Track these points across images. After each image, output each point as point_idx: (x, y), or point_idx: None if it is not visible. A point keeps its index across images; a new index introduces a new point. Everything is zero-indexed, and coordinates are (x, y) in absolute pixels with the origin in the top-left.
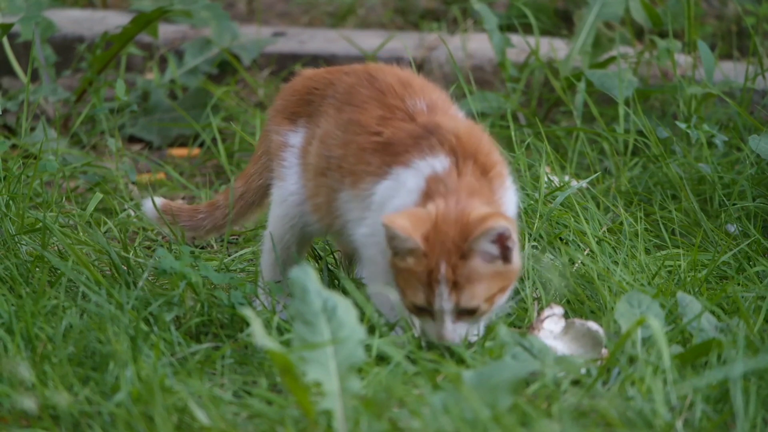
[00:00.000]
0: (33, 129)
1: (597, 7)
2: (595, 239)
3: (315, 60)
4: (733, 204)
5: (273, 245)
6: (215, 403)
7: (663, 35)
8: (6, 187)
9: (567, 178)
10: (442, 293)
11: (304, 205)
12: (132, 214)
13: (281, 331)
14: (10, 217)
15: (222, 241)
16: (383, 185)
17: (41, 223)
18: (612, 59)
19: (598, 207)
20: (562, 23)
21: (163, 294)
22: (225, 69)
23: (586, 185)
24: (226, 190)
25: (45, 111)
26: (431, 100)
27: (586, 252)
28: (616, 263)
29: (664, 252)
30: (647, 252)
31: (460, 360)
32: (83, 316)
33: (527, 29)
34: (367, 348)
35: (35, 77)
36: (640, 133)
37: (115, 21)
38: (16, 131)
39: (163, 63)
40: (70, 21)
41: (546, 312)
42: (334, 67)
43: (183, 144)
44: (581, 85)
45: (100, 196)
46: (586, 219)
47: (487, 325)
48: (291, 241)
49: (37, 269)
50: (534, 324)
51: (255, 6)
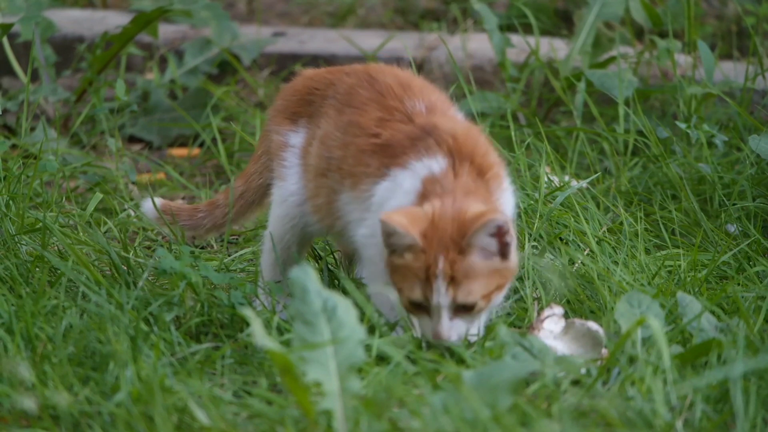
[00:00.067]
0: (33, 129)
1: (597, 7)
2: (595, 239)
3: (315, 60)
4: (733, 204)
5: (273, 245)
6: (215, 403)
7: (663, 35)
8: (6, 187)
9: (567, 178)
10: (439, 288)
11: (304, 206)
12: (132, 214)
13: (281, 331)
14: (10, 217)
15: (222, 241)
16: (382, 186)
17: (41, 223)
18: (612, 59)
19: (598, 207)
20: (562, 23)
21: (163, 294)
22: (225, 69)
23: (586, 185)
24: (226, 189)
25: (45, 111)
26: (430, 101)
27: (586, 252)
28: (616, 263)
29: (664, 252)
30: (647, 252)
31: (460, 360)
32: (83, 316)
33: (527, 29)
34: (367, 348)
35: (35, 77)
36: (640, 133)
37: (115, 21)
38: (16, 131)
39: (163, 63)
40: (70, 21)
41: (546, 312)
42: (334, 67)
43: (183, 144)
44: (581, 85)
45: (100, 196)
46: (586, 219)
47: (487, 325)
48: (291, 242)
49: (37, 269)
50: (534, 324)
51: (255, 6)
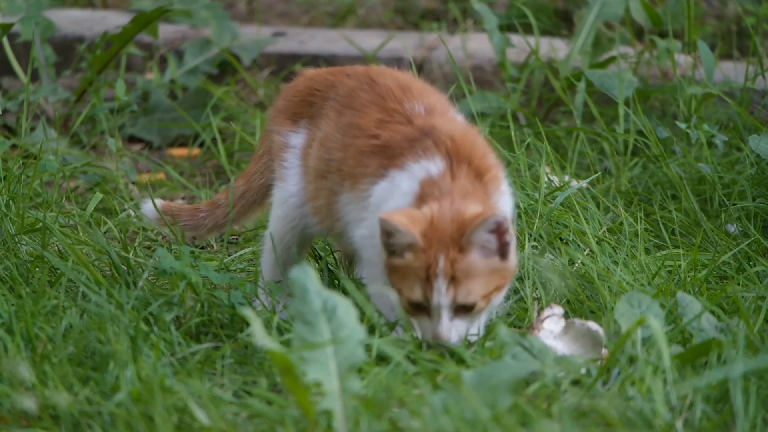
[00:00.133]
0: (33, 129)
1: (597, 7)
2: (595, 239)
3: (315, 60)
4: (733, 204)
5: (273, 246)
6: (215, 403)
7: (663, 35)
8: (6, 187)
9: (567, 178)
10: (440, 288)
11: (304, 208)
12: (132, 214)
13: (281, 331)
14: (10, 217)
15: (222, 241)
16: (380, 187)
17: (41, 223)
18: (612, 59)
19: (598, 207)
20: (562, 23)
21: (163, 294)
22: (225, 69)
23: (586, 185)
24: (227, 189)
25: (45, 111)
26: (429, 103)
27: (586, 252)
28: (616, 263)
29: (664, 252)
30: (647, 252)
31: (460, 360)
32: (83, 316)
33: (527, 29)
34: (367, 348)
35: (35, 77)
36: (640, 133)
37: (115, 21)
38: (16, 131)
39: (163, 63)
40: (70, 21)
41: (546, 312)
42: (336, 68)
43: (183, 144)
44: (581, 85)
45: (100, 196)
46: (586, 219)
47: (487, 325)
48: (292, 242)
49: (37, 269)
50: (534, 324)
51: (255, 6)
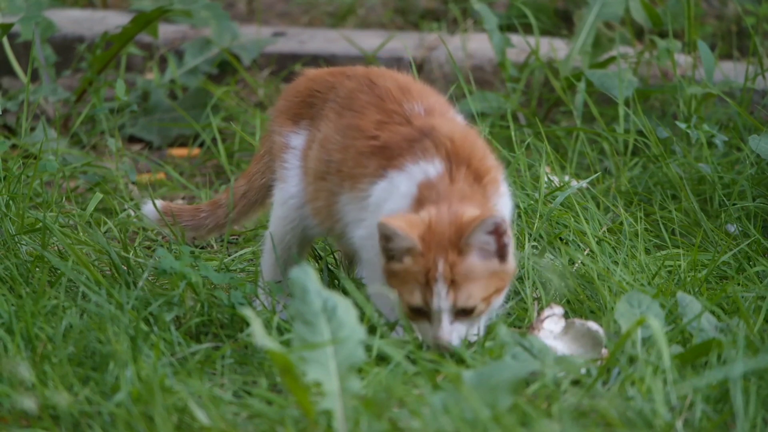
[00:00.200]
0: (33, 129)
1: (597, 7)
2: (595, 239)
3: (315, 60)
4: (733, 204)
5: (273, 246)
6: (215, 403)
7: (663, 35)
8: (6, 187)
9: (567, 178)
10: (440, 292)
11: (304, 209)
12: (132, 214)
13: (281, 331)
14: (10, 217)
15: (222, 241)
16: (379, 186)
17: (41, 223)
18: (612, 59)
19: (598, 207)
20: (562, 23)
21: (163, 294)
22: (225, 69)
23: (586, 185)
24: (228, 188)
25: (45, 111)
26: (429, 104)
27: (586, 252)
28: (616, 263)
29: (664, 252)
30: (647, 252)
31: (460, 360)
32: (83, 316)
33: (527, 29)
34: (367, 348)
35: (35, 77)
36: (640, 133)
37: (115, 21)
38: (16, 131)
39: (163, 63)
40: (70, 21)
41: (546, 312)
42: (336, 69)
43: (183, 144)
44: (581, 85)
45: (100, 196)
46: (586, 219)
47: (487, 325)
48: (292, 242)
49: (37, 269)
50: (534, 324)
51: (255, 6)
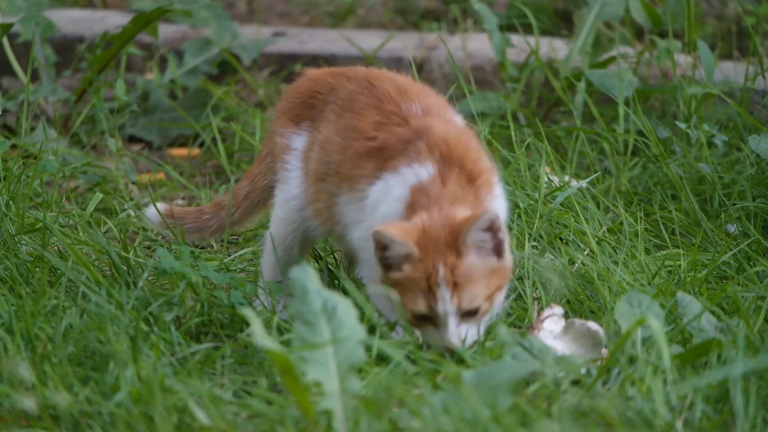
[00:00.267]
0: (33, 129)
1: (597, 7)
2: (595, 239)
3: (315, 60)
4: (733, 204)
5: (274, 246)
6: (215, 403)
7: (663, 35)
8: (6, 187)
9: (567, 178)
10: (444, 296)
11: (305, 210)
12: (132, 214)
13: (281, 331)
14: (10, 217)
15: (222, 241)
16: (376, 187)
17: (41, 223)
18: (612, 59)
19: (598, 207)
20: (562, 23)
21: (163, 294)
22: (225, 69)
23: (586, 185)
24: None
25: (45, 111)
26: (427, 104)
27: (586, 252)
28: (616, 263)
29: (664, 252)
30: (647, 252)
31: (460, 360)
32: (83, 316)
33: (527, 29)
34: (367, 348)
35: (35, 77)
36: (640, 133)
37: (115, 21)
38: (16, 131)
39: (163, 63)
40: (70, 21)
41: (546, 312)
42: (337, 69)
43: (183, 144)
44: (581, 85)
45: (100, 196)
46: (586, 219)
47: (487, 325)
48: (293, 244)
49: (37, 269)
50: (534, 324)
51: (255, 6)
